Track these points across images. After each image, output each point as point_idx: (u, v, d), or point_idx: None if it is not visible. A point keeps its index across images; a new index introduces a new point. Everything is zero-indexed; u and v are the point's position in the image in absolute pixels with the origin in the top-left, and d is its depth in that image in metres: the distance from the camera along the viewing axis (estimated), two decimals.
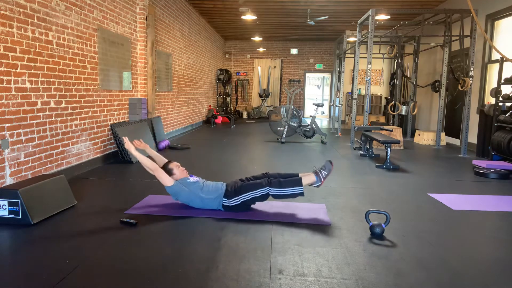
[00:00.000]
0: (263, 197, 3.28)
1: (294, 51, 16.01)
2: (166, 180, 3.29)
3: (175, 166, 3.42)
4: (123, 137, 3.46)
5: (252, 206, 3.42)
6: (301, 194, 3.29)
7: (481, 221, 3.31)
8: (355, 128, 7.04)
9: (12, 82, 3.54)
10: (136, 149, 3.43)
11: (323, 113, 16.63)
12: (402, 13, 9.99)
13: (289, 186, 3.25)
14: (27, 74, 3.74)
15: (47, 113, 4.08)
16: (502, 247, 2.73)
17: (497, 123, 6.00)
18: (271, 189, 3.23)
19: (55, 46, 4.17)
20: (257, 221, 3.13)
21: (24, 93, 3.71)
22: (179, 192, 3.31)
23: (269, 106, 15.67)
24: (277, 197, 3.28)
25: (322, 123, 13.94)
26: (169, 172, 3.39)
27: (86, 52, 4.82)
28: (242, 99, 16.49)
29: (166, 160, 3.57)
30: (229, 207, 3.29)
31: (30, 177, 3.75)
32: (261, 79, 16.01)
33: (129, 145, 3.39)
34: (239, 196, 3.25)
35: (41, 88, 3.96)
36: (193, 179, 3.41)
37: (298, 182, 3.27)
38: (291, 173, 3.50)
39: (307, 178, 3.35)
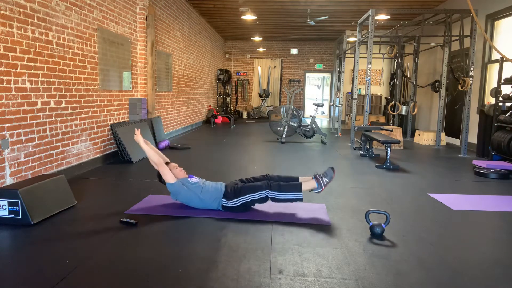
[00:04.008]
0: (263, 200, 3.27)
1: (294, 51, 16.01)
2: (169, 177, 3.29)
3: (173, 167, 3.41)
4: (136, 129, 3.44)
5: (252, 206, 3.42)
6: (300, 199, 3.28)
7: (481, 221, 3.30)
8: (355, 128, 7.03)
9: (12, 82, 3.54)
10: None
11: (323, 113, 16.63)
12: (402, 13, 9.99)
13: (289, 191, 3.23)
14: (27, 74, 3.74)
15: (47, 113, 4.08)
16: (502, 247, 2.73)
17: (497, 123, 6.00)
18: (271, 192, 3.22)
19: (55, 46, 4.17)
20: (257, 221, 3.13)
21: (24, 93, 3.71)
22: (179, 191, 3.31)
23: (269, 106, 15.66)
24: (275, 200, 3.27)
25: (322, 123, 13.94)
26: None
27: (86, 52, 4.82)
28: (242, 99, 16.48)
29: (167, 159, 3.57)
30: (229, 208, 3.29)
31: (30, 177, 3.75)
32: (261, 79, 16.01)
33: (138, 137, 3.35)
34: (239, 198, 3.25)
35: (41, 88, 3.96)
36: (194, 179, 3.41)
37: (298, 188, 3.25)
38: (291, 176, 3.48)
39: (308, 184, 3.32)
